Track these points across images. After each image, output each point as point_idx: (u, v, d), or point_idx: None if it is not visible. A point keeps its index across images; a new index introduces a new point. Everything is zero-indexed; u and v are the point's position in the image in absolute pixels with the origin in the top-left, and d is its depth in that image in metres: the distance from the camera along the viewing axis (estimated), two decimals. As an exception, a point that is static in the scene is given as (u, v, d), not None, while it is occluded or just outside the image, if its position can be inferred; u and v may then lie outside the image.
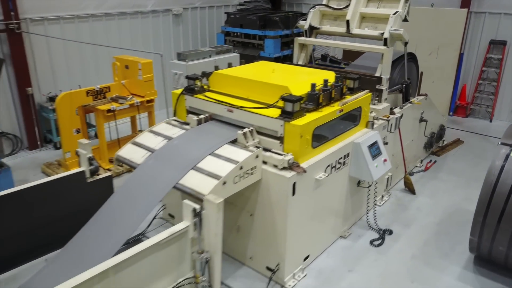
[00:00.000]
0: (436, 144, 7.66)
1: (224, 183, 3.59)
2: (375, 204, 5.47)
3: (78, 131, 6.48)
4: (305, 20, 6.47)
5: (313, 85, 4.30)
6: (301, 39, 6.40)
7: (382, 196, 5.91)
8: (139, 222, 3.61)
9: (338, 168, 4.59)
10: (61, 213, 4.26)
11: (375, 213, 5.31)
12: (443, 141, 7.90)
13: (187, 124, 4.74)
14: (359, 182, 5.12)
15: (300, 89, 4.29)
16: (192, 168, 3.80)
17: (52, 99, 7.49)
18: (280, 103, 4.12)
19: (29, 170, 6.80)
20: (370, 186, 5.18)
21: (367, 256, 4.80)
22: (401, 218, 5.58)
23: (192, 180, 3.68)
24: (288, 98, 4.01)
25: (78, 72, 8.11)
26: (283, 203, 3.96)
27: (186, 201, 3.28)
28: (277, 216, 4.08)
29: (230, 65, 5.83)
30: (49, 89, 7.72)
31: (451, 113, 9.62)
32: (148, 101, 6.93)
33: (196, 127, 4.53)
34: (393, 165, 5.74)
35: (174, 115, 5.07)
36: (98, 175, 4.40)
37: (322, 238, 4.80)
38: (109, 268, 2.84)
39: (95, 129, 7.48)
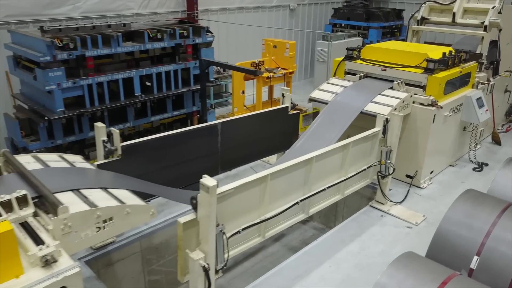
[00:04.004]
0: (513, 115, 9.51)
1: (395, 109, 5.77)
2: (475, 147, 7.45)
3: (243, 92, 8.89)
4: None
5: (444, 54, 6.40)
6: (415, 27, 8.49)
7: (476, 144, 7.88)
8: (341, 131, 5.78)
9: (455, 112, 6.67)
10: (270, 134, 6.54)
11: (474, 152, 7.32)
12: (519, 113, 9.73)
13: (347, 80, 6.94)
14: (464, 128, 7.17)
15: (435, 55, 6.40)
16: (370, 101, 6.01)
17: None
18: (424, 64, 6.26)
19: (202, 121, 9.28)
20: (472, 130, 7.20)
21: (472, 176, 6.85)
22: (492, 158, 7.56)
23: (373, 108, 5.87)
24: (431, 60, 6.15)
25: (224, 50, 10.59)
26: (426, 128, 6.10)
27: (379, 114, 5.49)
28: (419, 138, 6.22)
29: (364, 44, 8.03)
30: (207, 64, 10.22)
31: (522, 95, 11.33)
32: (290, 73, 9.25)
33: (358, 81, 6.74)
34: (484, 122, 7.70)
35: (333, 76, 7.30)
36: (294, 110, 6.69)
37: (440, 161, 6.89)
38: (344, 145, 5.06)
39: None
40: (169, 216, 5.57)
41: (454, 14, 8.02)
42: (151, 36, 6.41)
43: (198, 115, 7.73)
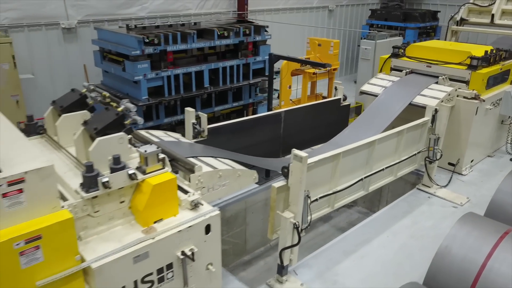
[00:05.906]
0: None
1: (442, 101, 6.39)
2: (511, 139, 7.99)
3: (290, 87, 9.58)
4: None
5: (486, 52, 6.98)
6: (454, 27, 9.06)
7: (512, 137, 8.41)
8: (390, 120, 6.41)
9: (495, 106, 7.23)
10: (323, 123, 7.22)
11: (511, 145, 7.85)
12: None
13: (394, 76, 7.56)
14: (502, 121, 7.72)
15: (477, 53, 6.98)
16: (418, 94, 6.63)
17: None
18: (467, 61, 6.85)
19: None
20: (510, 124, 7.74)
21: (509, 165, 7.37)
22: (528, 151, 8.08)
23: (421, 100, 6.49)
24: (475, 57, 6.73)
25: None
26: (470, 119, 6.69)
27: (429, 105, 6.11)
28: (462, 128, 6.81)
29: (408, 43, 8.60)
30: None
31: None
32: (334, 69, 9.91)
33: (404, 77, 7.36)
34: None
35: (379, 72, 7.93)
36: (344, 101, 7.35)
37: (480, 151, 7.46)
38: (399, 131, 5.70)
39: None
40: (238, 193, 6.30)
41: (493, 15, 8.56)
42: (219, 33, 7.16)
43: (253, 107, 8.46)
